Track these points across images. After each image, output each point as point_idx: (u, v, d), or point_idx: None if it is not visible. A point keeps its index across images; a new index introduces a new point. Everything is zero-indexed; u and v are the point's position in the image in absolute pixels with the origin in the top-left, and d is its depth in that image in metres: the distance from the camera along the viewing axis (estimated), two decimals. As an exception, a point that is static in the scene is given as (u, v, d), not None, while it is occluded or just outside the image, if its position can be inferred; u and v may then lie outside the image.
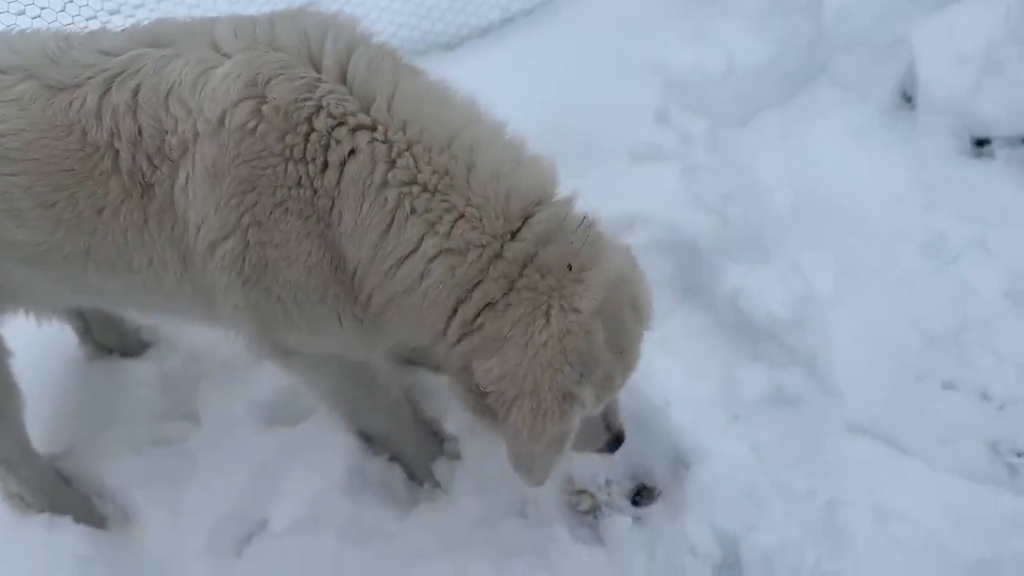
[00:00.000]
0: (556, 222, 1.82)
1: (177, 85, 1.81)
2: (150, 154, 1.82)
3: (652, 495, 2.57)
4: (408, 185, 1.76)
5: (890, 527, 2.30)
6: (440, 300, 1.82)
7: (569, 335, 1.74)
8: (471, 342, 1.83)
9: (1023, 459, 2.47)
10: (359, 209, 1.77)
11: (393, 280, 1.82)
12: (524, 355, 1.75)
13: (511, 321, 1.77)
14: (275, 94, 1.75)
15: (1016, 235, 2.87)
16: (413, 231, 1.77)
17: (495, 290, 1.79)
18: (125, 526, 2.61)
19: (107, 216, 1.89)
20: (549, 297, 1.76)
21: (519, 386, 1.75)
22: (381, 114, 1.77)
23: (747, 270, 2.81)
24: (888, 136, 3.25)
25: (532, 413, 1.75)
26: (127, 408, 2.79)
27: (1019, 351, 2.62)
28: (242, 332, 2.08)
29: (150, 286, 2.01)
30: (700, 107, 3.31)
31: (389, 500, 2.57)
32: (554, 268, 1.77)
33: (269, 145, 1.76)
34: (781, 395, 2.64)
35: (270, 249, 1.83)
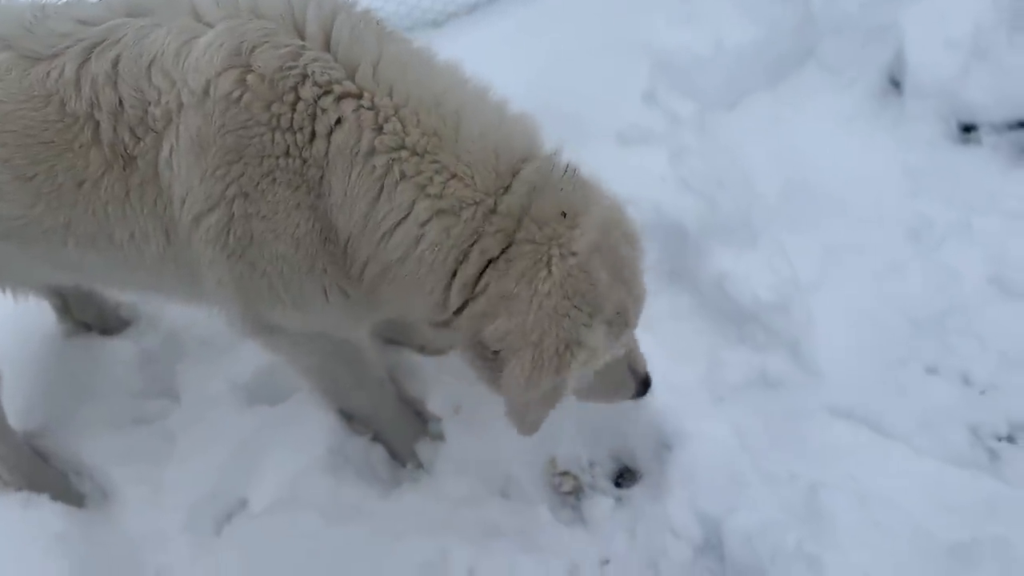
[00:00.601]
0: (544, 173, 1.83)
1: (159, 56, 1.77)
2: (132, 125, 1.79)
3: (634, 477, 2.58)
4: (396, 150, 1.74)
5: (871, 510, 2.30)
6: (438, 264, 1.81)
7: (570, 278, 1.77)
8: (478, 306, 1.82)
9: (1003, 444, 2.48)
10: (347, 178, 1.75)
11: (387, 248, 1.80)
12: (530, 308, 1.76)
13: (515, 277, 1.78)
14: (260, 62, 1.72)
15: (1001, 221, 2.88)
16: (404, 196, 1.76)
17: (493, 246, 1.79)
18: (103, 504, 2.59)
19: (87, 189, 1.86)
20: (549, 247, 1.77)
21: (526, 338, 1.77)
22: (367, 80, 1.75)
23: (733, 253, 2.81)
24: (875, 121, 3.25)
25: (531, 364, 1.77)
26: (106, 386, 2.76)
27: (1002, 337, 2.64)
28: (225, 308, 2.06)
29: (131, 261, 1.98)
30: (688, 89, 3.29)
31: (371, 480, 2.56)
32: (549, 218, 1.78)
33: (255, 114, 1.73)
34: (765, 378, 2.64)
35: (256, 221, 1.81)
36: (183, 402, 2.72)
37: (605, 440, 2.61)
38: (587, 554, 2.41)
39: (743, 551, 2.31)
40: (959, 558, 2.15)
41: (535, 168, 1.83)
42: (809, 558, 2.19)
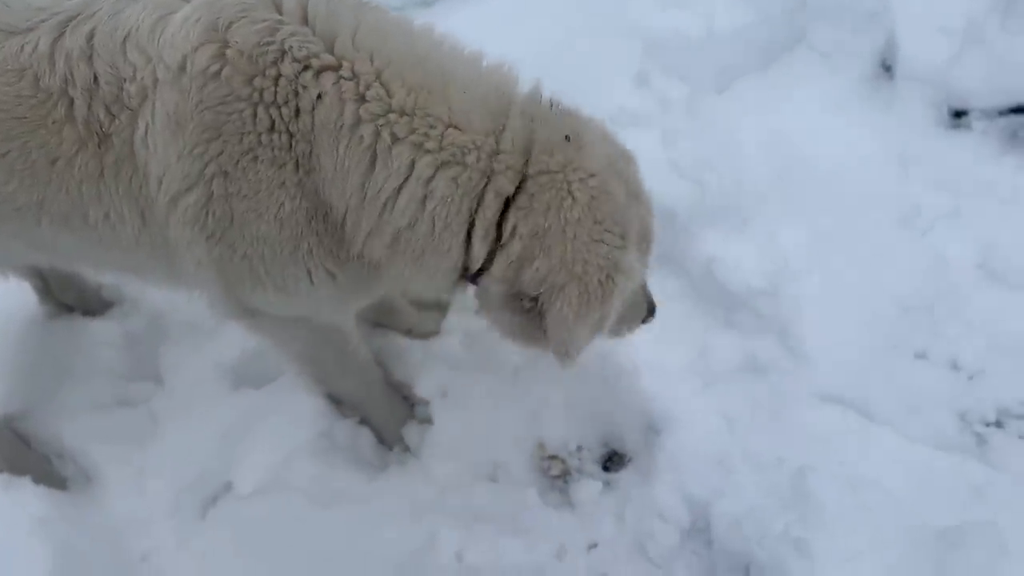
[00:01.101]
0: (536, 103, 1.82)
1: (134, 31, 1.74)
2: (108, 103, 1.75)
3: (622, 461, 2.57)
4: (383, 115, 1.71)
5: (859, 495, 2.30)
6: (452, 218, 1.77)
7: (595, 201, 1.77)
8: (512, 251, 1.78)
9: (991, 429, 2.49)
10: (335, 152, 1.72)
11: (392, 216, 1.77)
12: (565, 239, 1.75)
13: (542, 211, 1.76)
14: (238, 37, 1.69)
15: (990, 207, 2.88)
16: (401, 158, 1.72)
17: (507, 184, 1.76)
18: (86, 487, 2.57)
19: (61, 167, 1.81)
20: (565, 174, 1.76)
21: (569, 272, 1.76)
22: (346, 50, 1.71)
23: (723, 238, 2.80)
24: (866, 106, 3.24)
25: (578, 299, 1.77)
26: (88, 368, 2.73)
27: (990, 322, 2.64)
28: (206, 291, 2.03)
29: (106, 242, 1.94)
30: (680, 72, 3.27)
31: (358, 463, 2.54)
32: (555, 144, 1.77)
33: (235, 89, 1.69)
34: (753, 363, 2.63)
35: (237, 200, 1.77)
36: (167, 384, 2.69)
37: (593, 424, 2.61)
38: (575, 538, 2.40)
39: (731, 535, 2.31)
40: (947, 542, 2.15)
41: (525, 100, 1.82)
42: (796, 542, 2.19)
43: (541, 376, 2.65)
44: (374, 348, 2.64)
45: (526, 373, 2.67)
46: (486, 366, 2.69)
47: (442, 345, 2.73)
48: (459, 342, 2.74)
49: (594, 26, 3.38)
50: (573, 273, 1.76)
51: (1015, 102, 3.15)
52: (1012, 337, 2.61)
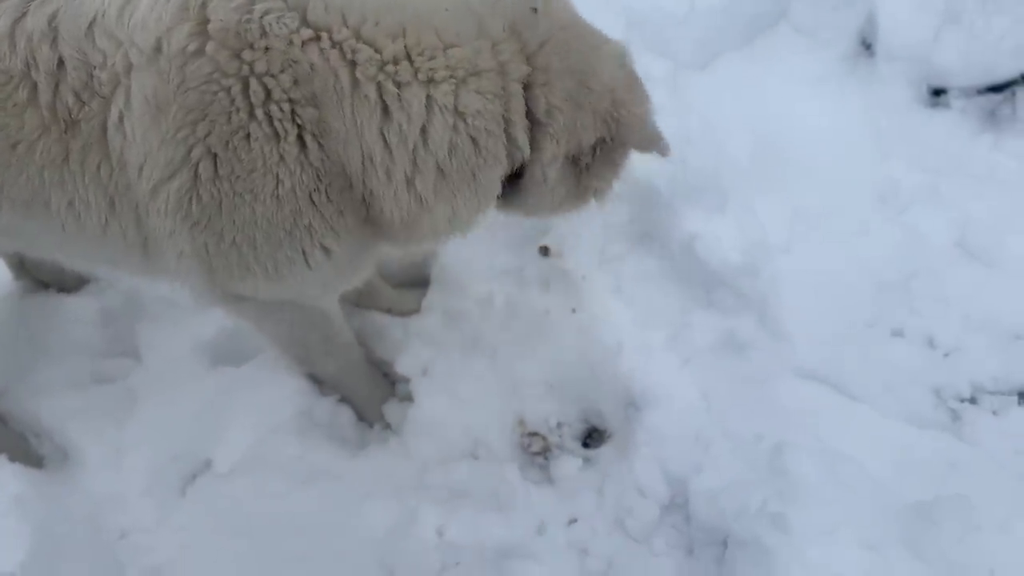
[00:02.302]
0: None
1: (100, 16, 1.69)
2: (76, 89, 1.70)
3: (602, 437, 2.59)
4: (379, 71, 1.68)
5: (835, 470, 2.33)
6: (491, 125, 1.76)
7: (584, 39, 1.85)
8: (555, 128, 1.82)
9: (965, 405, 2.53)
10: (343, 115, 1.69)
11: (429, 152, 1.75)
12: (581, 86, 1.81)
13: (558, 76, 1.79)
14: (219, 15, 1.64)
15: (968, 185, 2.90)
16: (416, 99, 1.70)
17: (521, 66, 1.77)
18: (63, 465, 2.54)
19: (22, 151, 1.76)
20: (555, 35, 1.80)
21: (605, 113, 1.84)
22: (319, 16, 1.67)
23: (703, 216, 2.80)
24: (846, 83, 3.24)
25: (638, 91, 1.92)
26: (65, 345, 2.70)
27: (966, 300, 2.67)
28: (188, 281, 1.98)
29: (70, 230, 1.88)
30: (662, 48, 3.26)
31: (338, 441, 2.54)
32: (529, 19, 1.78)
33: (221, 65, 1.64)
34: (732, 341, 2.65)
35: (228, 183, 1.72)
36: (145, 361, 2.67)
37: (574, 401, 2.62)
38: (555, 513, 2.41)
39: (709, 510, 2.33)
40: (921, 516, 2.19)
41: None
42: (773, 517, 2.21)
43: (522, 353, 2.66)
44: (355, 327, 2.63)
45: (507, 350, 2.67)
46: (467, 344, 2.69)
47: (423, 323, 2.73)
48: (440, 320, 2.73)
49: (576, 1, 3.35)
50: (623, 82, 1.87)
51: (993, 80, 3.16)
52: (987, 314, 2.65)
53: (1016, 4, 3.24)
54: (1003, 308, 2.66)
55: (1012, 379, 2.56)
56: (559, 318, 2.71)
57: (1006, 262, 2.75)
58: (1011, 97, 3.15)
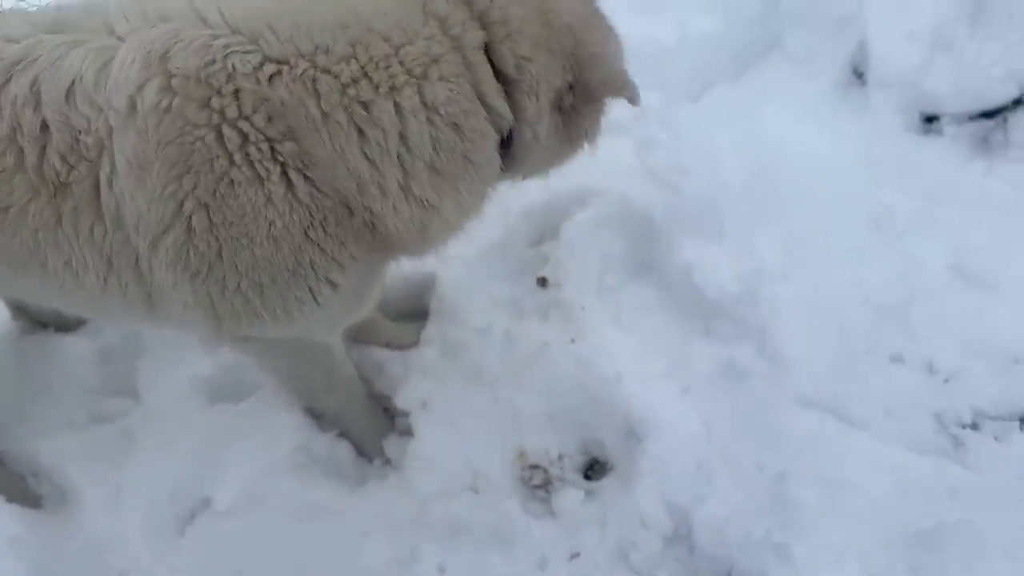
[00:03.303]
0: None
1: (79, 81, 1.69)
2: (63, 152, 1.70)
3: (604, 469, 2.57)
4: (342, 96, 1.68)
5: (838, 498, 2.32)
6: (465, 104, 1.75)
7: None
8: (526, 82, 1.79)
9: (967, 431, 2.51)
10: (325, 143, 1.69)
11: (414, 154, 1.74)
12: (550, 25, 1.80)
13: (519, 26, 1.77)
14: (178, 64, 1.65)
15: (961, 210, 2.91)
16: (384, 111, 1.70)
17: (475, 32, 1.75)
18: (61, 506, 2.52)
19: (14, 215, 1.76)
20: None
21: (580, 21, 1.85)
22: (275, 49, 1.68)
23: (700, 244, 2.81)
24: (839, 111, 3.27)
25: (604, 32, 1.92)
26: (63, 384, 2.69)
27: (964, 324, 2.66)
28: (193, 330, 1.97)
29: (69, 287, 1.88)
30: (654, 79, 3.27)
31: (337, 477, 2.52)
32: None
33: (191, 118, 1.65)
34: (731, 368, 2.64)
35: (223, 230, 1.72)
36: (143, 400, 2.66)
37: (574, 432, 2.60)
38: (557, 547, 2.39)
39: (712, 541, 2.31)
40: (925, 543, 2.17)
41: None
42: (777, 547, 2.20)
43: (521, 384, 2.65)
44: (353, 361, 2.62)
45: (506, 381, 2.66)
46: (466, 376, 2.68)
47: (422, 356, 2.72)
48: (438, 352, 2.73)
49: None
50: (584, 20, 1.86)
51: (984, 107, 3.19)
52: (986, 339, 2.64)
53: (1006, 31, 3.29)
54: (1002, 332, 2.66)
55: (1013, 404, 2.55)
56: (558, 349, 2.71)
57: (1003, 286, 2.76)
58: (1003, 123, 3.17)
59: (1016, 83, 3.19)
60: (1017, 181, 3.00)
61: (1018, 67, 3.20)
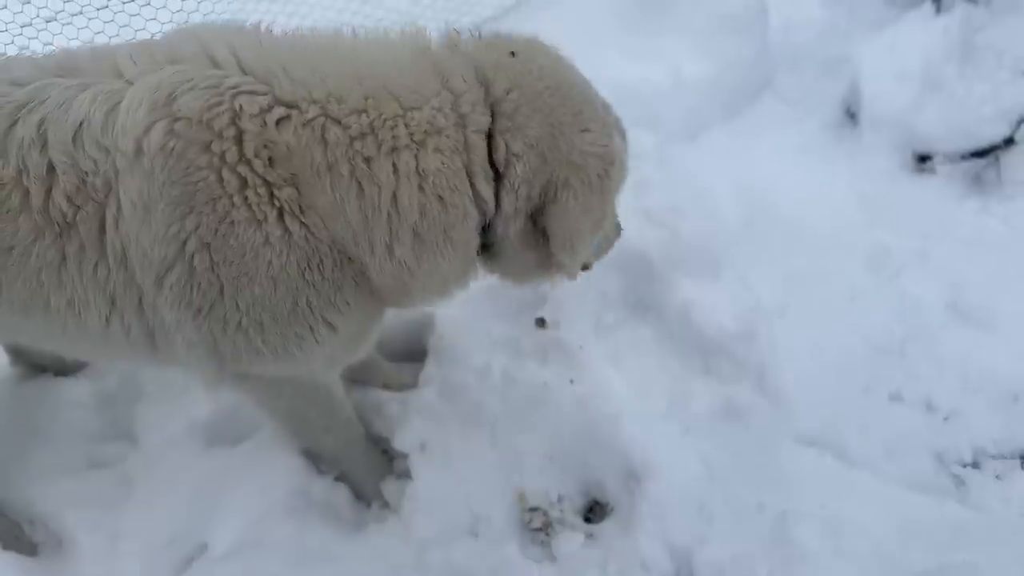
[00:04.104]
0: (462, 43, 1.86)
1: (87, 124, 1.72)
2: (69, 194, 1.73)
3: (604, 511, 2.55)
4: (349, 148, 1.72)
5: (839, 538, 2.31)
6: (454, 180, 1.78)
7: (563, 93, 1.84)
8: (512, 177, 1.81)
9: (968, 470, 2.50)
10: (326, 192, 1.72)
11: (403, 217, 1.77)
12: (554, 138, 1.81)
13: (523, 123, 1.79)
14: (183, 107, 1.68)
15: (957, 248, 2.94)
16: (383, 169, 1.73)
17: (481, 118, 1.79)
18: (58, 553, 2.49)
19: (18, 255, 1.78)
20: (528, 80, 1.81)
21: (568, 164, 1.82)
22: (287, 91, 1.72)
23: (697, 283, 2.83)
24: (833, 151, 3.31)
25: (582, 189, 1.84)
26: (61, 429, 2.68)
27: (962, 362, 2.67)
28: (195, 368, 1.97)
29: (71, 328, 1.90)
30: (649, 121, 3.33)
31: (335, 522, 2.50)
32: (505, 64, 1.81)
33: (192, 160, 1.68)
34: (731, 408, 2.64)
35: (224, 269, 1.75)
36: (141, 444, 2.65)
37: (574, 473, 2.59)
38: (558, 592, 2.37)
39: (714, 584, 2.29)
40: (928, 585, 2.16)
41: (449, 43, 1.85)
42: (780, 589, 2.18)
43: (520, 425, 2.64)
44: (353, 401, 2.61)
45: (505, 422, 2.65)
46: (465, 417, 2.67)
47: (420, 397, 2.72)
48: (437, 393, 2.72)
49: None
50: (572, 164, 1.82)
51: (976, 145, 3.24)
52: (984, 376, 2.65)
53: (995, 70, 3.34)
54: (1000, 369, 2.66)
55: (1014, 442, 2.55)
56: (557, 389, 2.70)
57: (1000, 324, 2.77)
58: (995, 161, 3.21)
59: (1007, 122, 3.24)
60: (1011, 218, 3.03)
61: (1008, 106, 3.25)
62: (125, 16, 3.36)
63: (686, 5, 3.75)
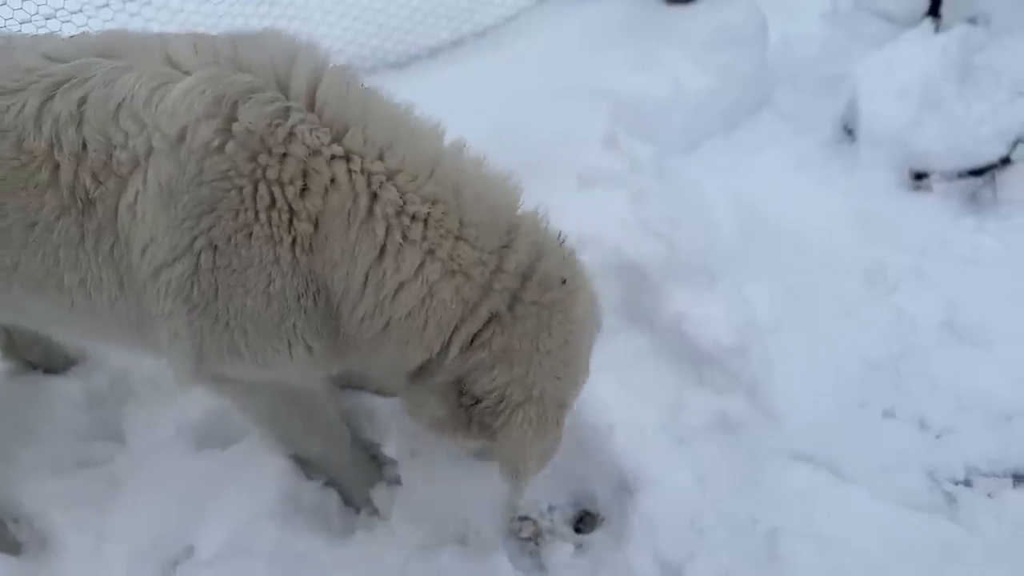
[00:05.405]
0: (541, 235, 1.90)
1: (129, 98, 1.73)
2: (95, 169, 1.73)
3: (595, 522, 2.54)
4: (396, 216, 1.75)
5: (830, 555, 2.30)
6: (445, 320, 1.83)
7: (568, 345, 1.89)
8: (476, 356, 1.85)
9: (960, 487, 2.50)
10: (347, 238, 1.74)
11: (392, 306, 1.81)
12: (532, 364, 1.85)
13: (520, 334, 1.85)
14: (248, 116, 1.69)
15: (953, 266, 2.95)
16: (411, 259, 1.77)
17: (501, 304, 1.83)
18: (42, 553, 2.46)
19: (39, 232, 1.79)
20: (552, 311, 1.86)
21: (527, 392, 1.86)
22: (356, 144, 1.74)
23: (692, 295, 2.82)
24: (830, 168, 3.33)
25: (538, 418, 1.87)
26: (49, 427, 2.65)
27: (956, 380, 2.67)
28: (176, 360, 1.97)
29: (79, 307, 1.91)
30: (647, 133, 3.34)
31: (323, 527, 2.48)
32: (553, 283, 1.86)
33: (237, 165, 1.69)
34: (724, 421, 2.63)
35: (224, 274, 1.76)
36: (129, 445, 2.62)
37: (565, 483, 2.57)
38: (546, 603, 2.35)
39: (704, 598, 2.28)
40: (919, 603, 2.14)
41: (531, 228, 1.89)
42: (770, 604, 2.17)
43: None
44: (343, 408, 2.60)
45: (497, 431, 2.63)
46: (456, 425, 2.65)
47: (412, 404, 2.70)
48: (429, 401, 2.70)
49: (563, 89, 3.45)
50: (532, 395, 1.87)
51: (973, 164, 3.25)
52: (977, 395, 2.65)
53: (993, 90, 3.36)
54: (993, 388, 2.66)
55: (1006, 461, 2.54)
56: (550, 399, 2.69)
57: (994, 342, 2.77)
58: (991, 180, 3.22)
59: (1004, 141, 3.25)
60: (1007, 237, 3.04)
61: (1005, 126, 3.27)
62: (126, 16, 3.35)
63: (688, 19, 3.77)
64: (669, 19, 3.78)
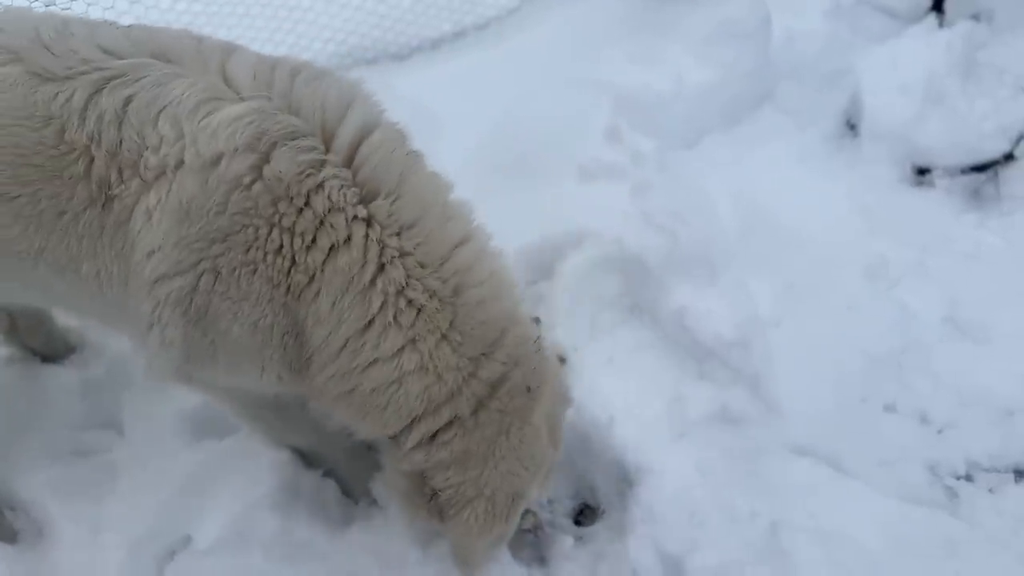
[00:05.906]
0: (523, 346, 1.93)
1: (174, 103, 1.74)
2: (122, 167, 1.75)
3: (595, 514, 2.53)
4: (396, 296, 1.78)
5: (831, 549, 2.29)
6: (406, 410, 1.87)
7: (523, 445, 1.95)
8: (434, 455, 1.91)
9: (961, 482, 2.49)
10: (340, 299, 1.77)
11: (361, 377, 1.84)
12: (486, 466, 1.92)
13: (479, 439, 1.91)
14: (279, 164, 1.70)
15: (955, 262, 2.94)
16: (393, 341, 1.80)
17: (465, 408, 1.88)
18: (38, 542, 2.47)
19: (67, 220, 1.81)
20: (512, 418, 1.92)
21: (478, 490, 1.93)
22: (381, 213, 1.77)
23: (694, 289, 2.81)
24: (832, 162, 3.31)
25: (484, 514, 1.95)
26: (46, 415, 2.65)
27: (957, 375, 2.66)
28: (158, 357, 1.97)
29: (94, 295, 1.94)
30: (649, 127, 3.32)
31: (321, 517, 2.48)
32: (519, 392, 1.91)
33: (259, 206, 1.71)
34: (726, 414, 2.62)
35: (219, 299, 1.79)
36: (127, 434, 2.62)
37: (566, 476, 2.57)
38: (546, 595, 2.35)
39: (704, 591, 2.27)
40: (920, 597, 2.14)
41: (515, 339, 1.92)
42: (770, 598, 2.16)
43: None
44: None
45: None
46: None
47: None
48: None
49: (566, 82, 3.44)
50: (483, 493, 1.94)
51: (976, 160, 3.24)
52: (978, 390, 2.64)
53: (996, 87, 3.35)
54: (995, 384, 2.65)
55: (1007, 456, 2.54)
56: (551, 391, 2.68)
57: (996, 338, 2.76)
58: (994, 176, 3.22)
59: (1007, 137, 3.25)
60: (1009, 234, 3.03)
61: (1008, 122, 3.26)
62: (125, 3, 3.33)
63: (690, 13, 3.75)
64: (672, 13, 3.76)
